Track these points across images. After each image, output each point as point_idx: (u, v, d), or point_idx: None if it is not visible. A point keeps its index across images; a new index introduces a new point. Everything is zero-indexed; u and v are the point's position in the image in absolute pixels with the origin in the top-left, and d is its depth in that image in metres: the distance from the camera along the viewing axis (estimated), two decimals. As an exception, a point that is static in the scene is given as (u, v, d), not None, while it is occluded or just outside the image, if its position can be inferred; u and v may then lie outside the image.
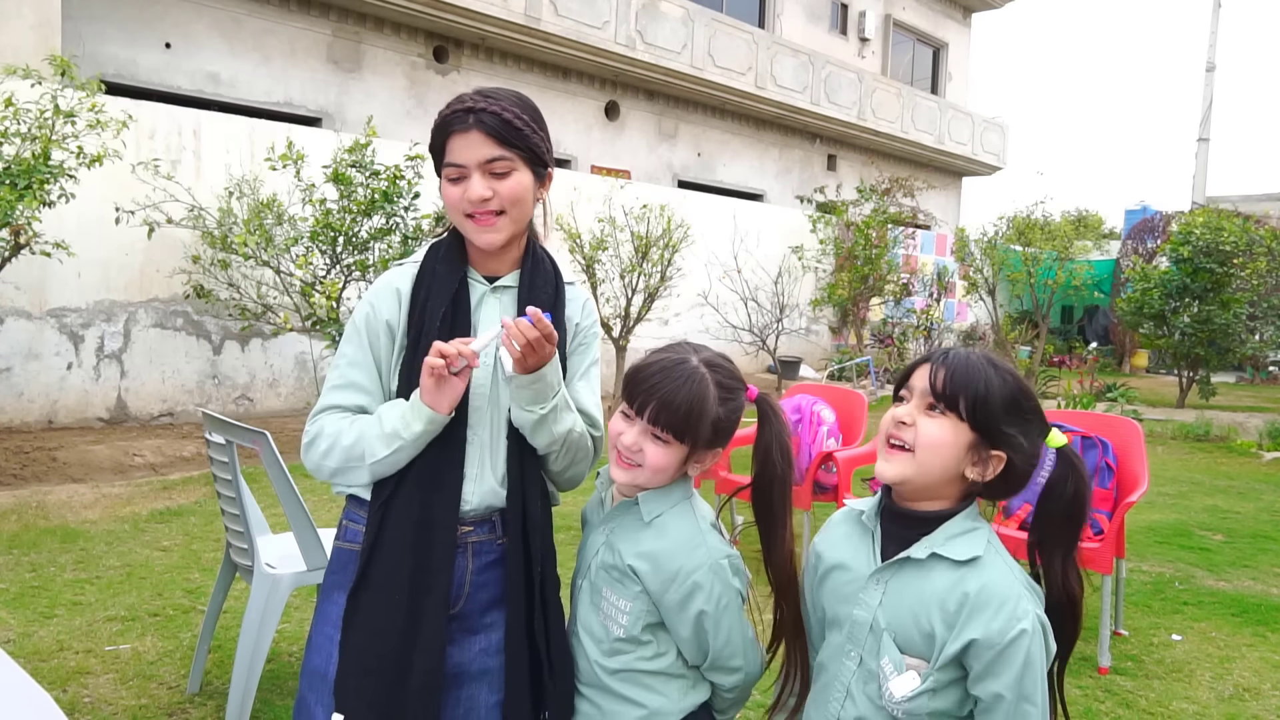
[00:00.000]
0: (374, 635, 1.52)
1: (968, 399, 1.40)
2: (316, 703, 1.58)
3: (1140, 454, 3.83)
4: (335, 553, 1.66)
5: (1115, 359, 17.58)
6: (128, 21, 10.17)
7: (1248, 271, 11.53)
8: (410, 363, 1.59)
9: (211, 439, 2.88)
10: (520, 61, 13.90)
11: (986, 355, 1.46)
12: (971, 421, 1.40)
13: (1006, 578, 1.37)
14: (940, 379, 1.42)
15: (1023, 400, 1.42)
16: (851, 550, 1.52)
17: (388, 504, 1.56)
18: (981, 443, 1.41)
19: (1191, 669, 3.54)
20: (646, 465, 1.53)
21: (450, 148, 1.56)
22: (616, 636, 1.57)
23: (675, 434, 1.51)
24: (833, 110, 18.08)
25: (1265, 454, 8.35)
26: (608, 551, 1.59)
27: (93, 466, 6.22)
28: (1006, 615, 1.33)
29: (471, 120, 1.54)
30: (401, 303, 1.62)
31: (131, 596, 3.88)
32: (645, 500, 1.57)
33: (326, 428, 1.57)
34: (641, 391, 1.52)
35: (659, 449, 1.52)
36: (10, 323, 6.82)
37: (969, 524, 1.43)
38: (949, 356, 1.44)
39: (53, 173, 5.57)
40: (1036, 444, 1.43)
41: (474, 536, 1.60)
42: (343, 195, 7.05)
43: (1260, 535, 5.60)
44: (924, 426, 1.42)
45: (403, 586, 1.52)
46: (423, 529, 1.54)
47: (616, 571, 1.57)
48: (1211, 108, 21.87)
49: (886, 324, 13.44)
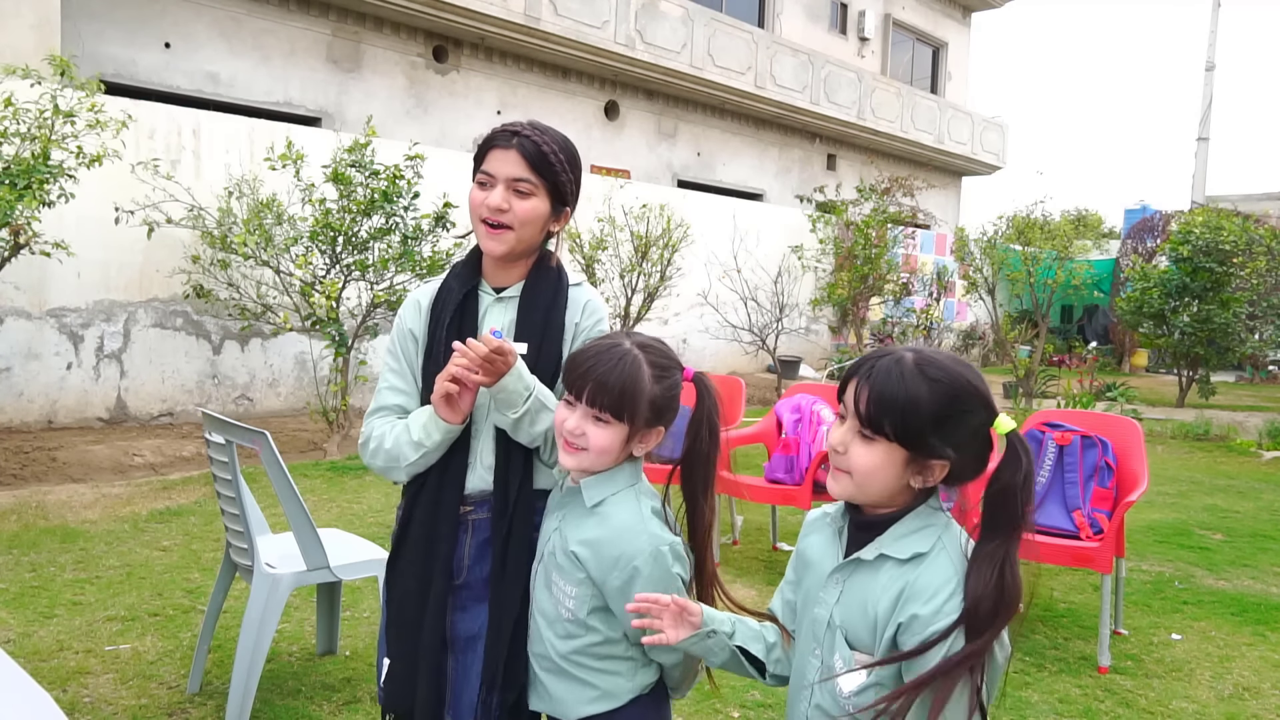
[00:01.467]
0: (403, 598, 1.79)
1: (893, 422, 1.37)
2: (383, 655, 1.86)
3: (1140, 453, 3.83)
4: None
5: (1115, 358, 17.58)
6: (127, 21, 10.17)
7: (1247, 271, 11.53)
8: (427, 368, 1.80)
9: (211, 439, 2.88)
10: (520, 61, 13.90)
11: (918, 361, 1.40)
12: (901, 442, 1.38)
13: (946, 570, 1.36)
14: (864, 402, 1.40)
15: (956, 405, 1.38)
16: (821, 551, 1.54)
17: (417, 491, 1.80)
18: (917, 457, 1.39)
19: (1191, 668, 3.54)
20: (591, 448, 1.60)
21: (489, 158, 1.77)
22: (566, 619, 1.65)
23: (614, 413, 1.59)
24: (832, 110, 18.08)
25: (1265, 453, 8.35)
26: (558, 537, 1.68)
27: (93, 466, 6.22)
28: (941, 600, 1.33)
29: (514, 141, 1.76)
30: (422, 313, 1.85)
31: (131, 596, 3.88)
32: (587, 486, 1.65)
33: (374, 431, 1.82)
34: (578, 376, 1.61)
35: (600, 430, 1.60)
36: (10, 323, 6.82)
37: (920, 522, 1.42)
38: (873, 374, 1.40)
39: (52, 173, 5.57)
40: (979, 439, 1.40)
41: (475, 515, 1.78)
42: (342, 195, 7.05)
43: (1260, 534, 5.61)
44: (855, 454, 1.41)
45: (419, 557, 1.77)
46: (435, 507, 1.78)
47: (564, 557, 1.65)
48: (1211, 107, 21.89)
49: (886, 323, 13.44)
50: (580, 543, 1.62)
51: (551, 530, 1.70)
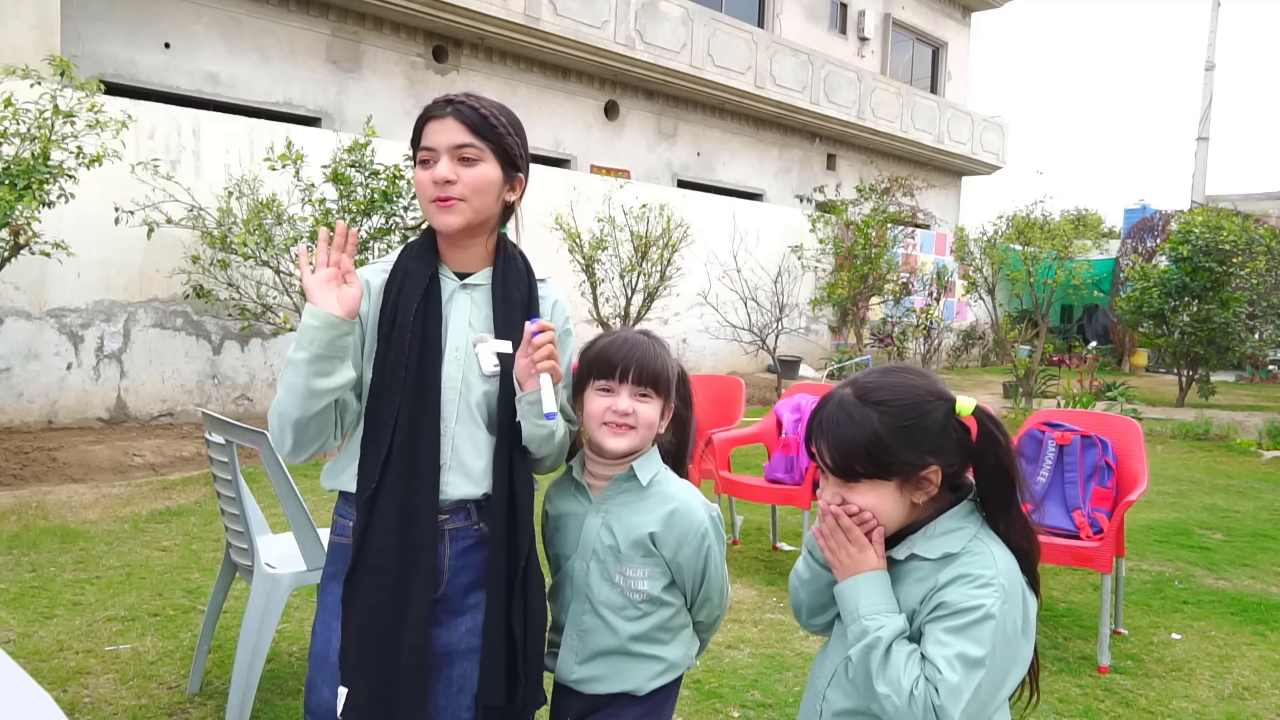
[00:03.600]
0: (369, 613, 1.61)
1: (862, 462, 1.39)
2: (322, 683, 1.67)
3: (1140, 453, 3.83)
4: (331, 547, 1.74)
5: (1115, 358, 17.58)
6: (127, 21, 10.17)
7: (1247, 270, 11.53)
8: (384, 356, 1.65)
9: (211, 439, 2.88)
10: (520, 61, 13.89)
11: (858, 394, 1.42)
12: (881, 476, 1.40)
13: (983, 563, 1.37)
14: (829, 454, 1.42)
15: (912, 415, 1.39)
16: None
17: (374, 497, 1.63)
18: (905, 478, 1.41)
19: (1191, 668, 3.54)
20: (640, 424, 1.72)
21: (425, 133, 1.65)
22: (639, 602, 1.73)
23: (655, 389, 1.74)
24: (832, 109, 18.08)
25: (1265, 453, 8.35)
26: (606, 533, 1.74)
27: (93, 466, 6.21)
28: (971, 589, 1.34)
29: (449, 110, 1.64)
30: (371, 295, 1.68)
31: (131, 596, 3.88)
32: (640, 466, 1.74)
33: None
34: (619, 362, 1.72)
35: (647, 405, 1.74)
36: (10, 323, 6.82)
37: (954, 524, 1.43)
38: (823, 425, 1.43)
39: (52, 173, 5.57)
40: (950, 430, 1.41)
41: (451, 524, 1.67)
42: (342, 195, 7.05)
43: (1260, 534, 5.61)
44: (858, 502, 1.42)
45: (391, 569, 1.61)
46: (406, 514, 1.62)
47: (630, 546, 1.72)
48: (1211, 107, 21.88)
49: (886, 323, 13.44)
50: (653, 523, 1.72)
51: (598, 527, 1.75)
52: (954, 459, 1.42)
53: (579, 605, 1.76)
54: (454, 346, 1.68)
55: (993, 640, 1.31)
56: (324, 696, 1.66)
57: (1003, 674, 1.35)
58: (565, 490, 1.84)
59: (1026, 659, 1.39)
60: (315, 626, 1.72)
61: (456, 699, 1.66)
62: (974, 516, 1.44)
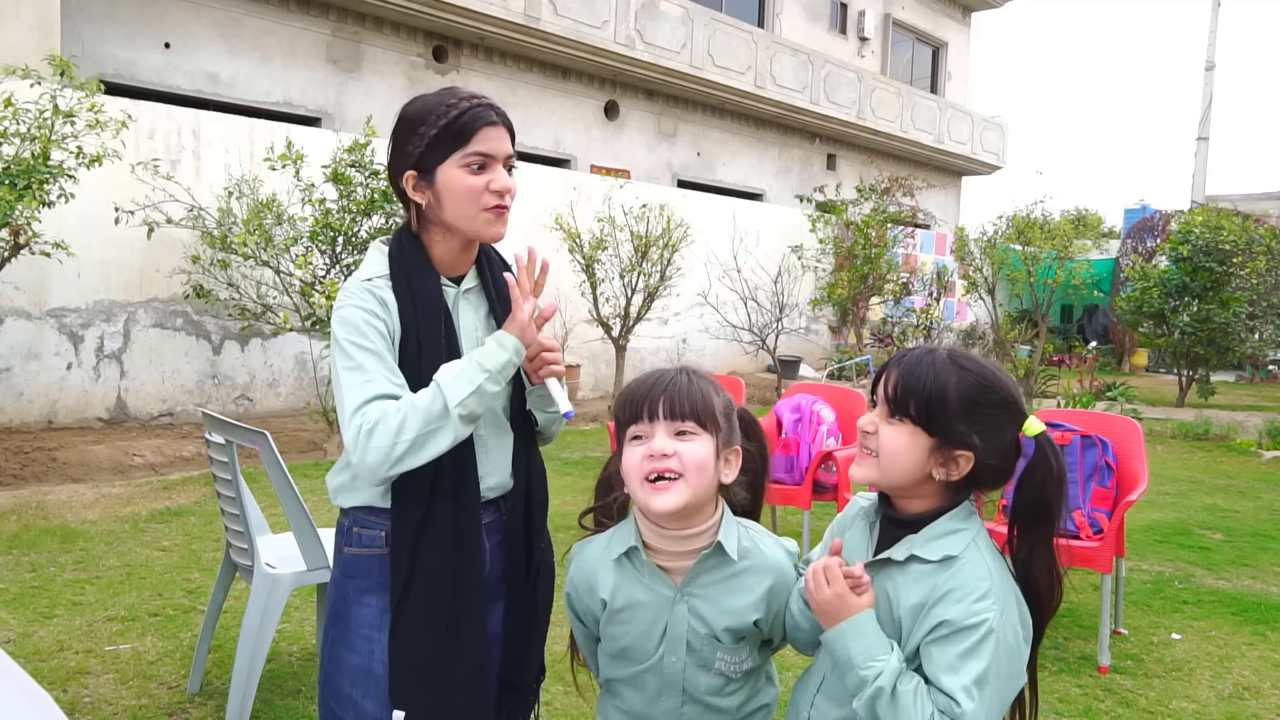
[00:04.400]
0: (424, 634, 1.58)
1: (918, 405, 1.39)
2: (364, 697, 1.62)
3: (1140, 453, 3.83)
4: (352, 559, 1.66)
5: (1115, 358, 17.58)
6: (127, 21, 10.17)
7: (1247, 270, 11.53)
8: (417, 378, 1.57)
9: (211, 439, 2.88)
10: (520, 61, 13.89)
11: (951, 353, 1.43)
12: (926, 427, 1.40)
13: (977, 572, 1.37)
14: (892, 384, 1.42)
15: (984, 397, 1.40)
16: (853, 546, 1.54)
17: (422, 522, 1.59)
18: (942, 445, 1.40)
19: (1191, 668, 3.54)
20: (687, 467, 1.44)
21: (480, 137, 1.58)
22: (738, 678, 1.56)
23: (698, 422, 1.46)
24: (832, 109, 18.08)
25: (1265, 453, 8.35)
26: (698, 621, 1.52)
27: (93, 466, 6.21)
28: (970, 602, 1.33)
29: (496, 116, 1.61)
30: (391, 314, 1.60)
31: (131, 596, 3.88)
32: (726, 539, 1.50)
33: (389, 409, 1.50)
34: (647, 400, 1.48)
35: (692, 444, 1.45)
36: (10, 323, 6.82)
37: (954, 525, 1.42)
38: (904, 360, 1.44)
39: (52, 173, 5.57)
40: (1006, 437, 1.41)
41: (485, 519, 1.69)
42: (342, 195, 7.05)
43: (1260, 534, 5.61)
44: (883, 434, 1.43)
45: (447, 587, 1.59)
46: (456, 533, 1.60)
47: (727, 635, 1.53)
48: (1211, 107, 21.87)
49: (886, 323, 13.43)
50: (753, 607, 1.52)
51: (684, 617, 1.52)
52: (993, 461, 1.41)
53: (674, 700, 1.54)
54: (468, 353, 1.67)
55: (994, 654, 1.31)
56: (367, 710, 1.62)
57: (1008, 684, 1.35)
58: (626, 574, 1.56)
59: (1024, 663, 1.39)
60: (348, 639, 1.65)
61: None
62: (973, 519, 1.44)
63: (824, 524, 5.27)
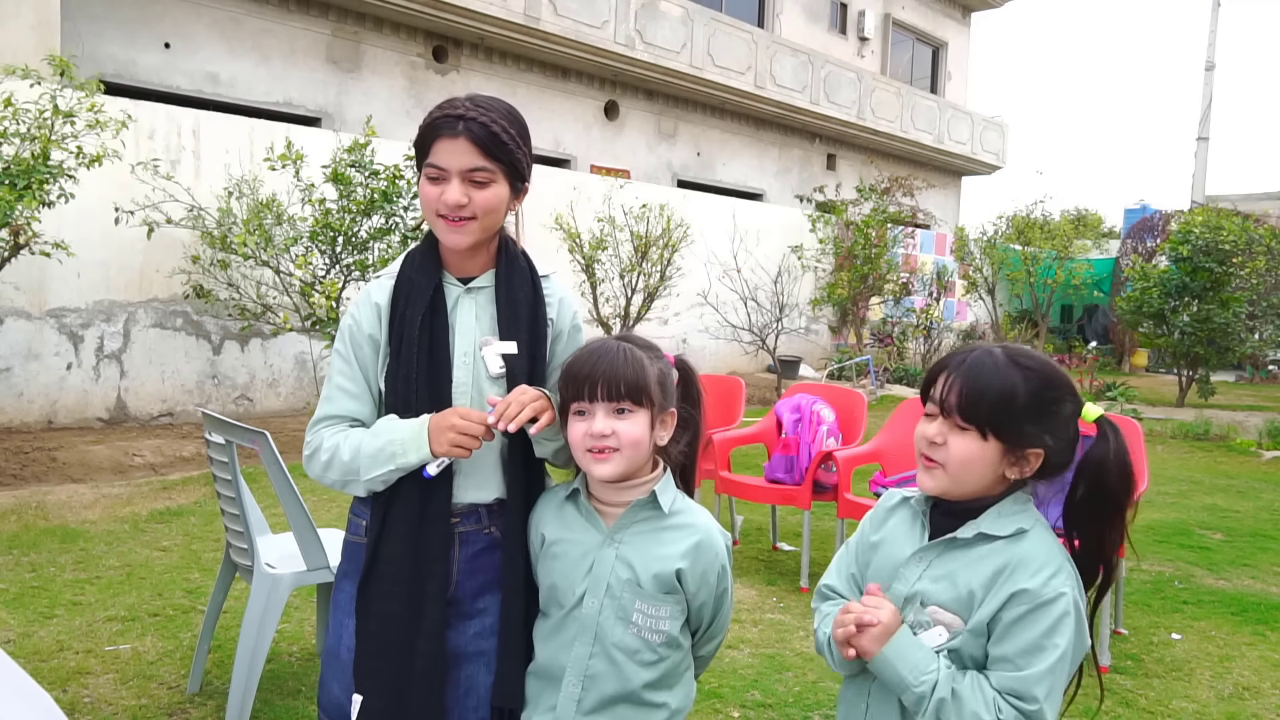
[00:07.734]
0: (383, 622, 1.62)
1: (990, 412, 1.39)
2: (333, 679, 1.70)
3: (1140, 453, 3.84)
4: (345, 545, 1.77)
5: (1115, 358, 17.58)
6: (127, 21, 10.17)
7: (1247, 270, 11.54)
8: (395, 370, 1.67)
9: (211, 439, 2.88)
10: (520, 61, 13.89)
11: (1008, 352, 1.42)
12: (997, 433, 1.39)
13: (1051, 547, 1.40)
14: (958, 394, 1.40)
15: (1049, 393, 1.40)
16: (900, 533, 1.55)
17: (389, 503, 1.65)
18: (1014, 448, 1.41)
19: (1191, 668, 3.54)
20: (622, 444, 1.57)
21: (435, 149, 1.61)
22: (658, 644, 1.59)
23: (633, 400, 1.57)
24: (832, 110, 18.08)
25: (1265, 453, 8.35)
26: (623, 566, 1.60)
27: (92, 466, 6.21)
28: (1047, 575, 1.36)
29: (461, 128, 1.58)
30: (381, 316, 1.69)
31: (131, 596, 3.88)
32: (662, 492, 1.61)
33: (325, 442, 1.66)
34: (584, 380, 1.58)
35: (628, 422, 1.57)
36: (10, 323, 6.82)
37: (1018, 506, 1.45)
38: (965, 365, 1.42)
39: (52, 173, 5.57)
40: (1070, 429, 1.43)
41: (462, 527, 1.67)
42: (342, 195, 7.05)
43: (1260, 534, 5.61)
44: (954, 446, 1.41)
45: (404, 577, 1.62)
46: (419, 524, 1.63)
47: (652, 582, 1.58)
48: (1211, 107, 21.87)
49: (886, 323, 13.44)
50: (679, 557, 1.58)
51: (612, 560, 1.60)
52: (1061, 454, 1.42)
53: (585, 648, 1.59)
54: (462, 352, 1.68)
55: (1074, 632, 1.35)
56: (334, 693, 1.68)
57: (1074, 662, 1.38)
58: (566, 513, 1.68)
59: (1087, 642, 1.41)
60: (328, 623, 1.74)
61: (463, 701, 1.66)
62: (1030, 503, 1.46)
63: (824, 524, 5.28)
